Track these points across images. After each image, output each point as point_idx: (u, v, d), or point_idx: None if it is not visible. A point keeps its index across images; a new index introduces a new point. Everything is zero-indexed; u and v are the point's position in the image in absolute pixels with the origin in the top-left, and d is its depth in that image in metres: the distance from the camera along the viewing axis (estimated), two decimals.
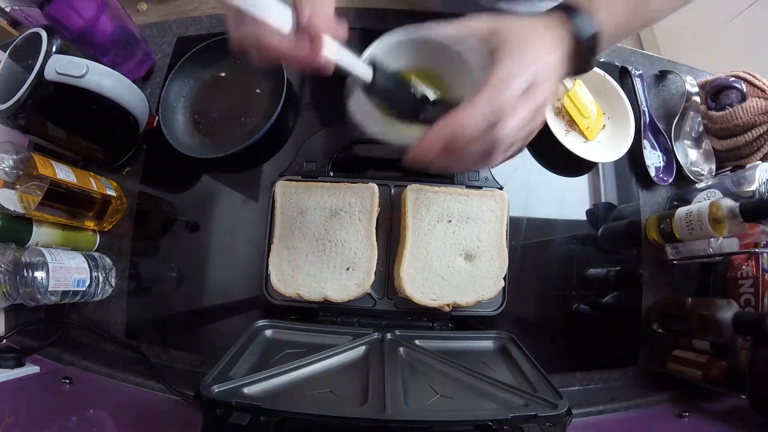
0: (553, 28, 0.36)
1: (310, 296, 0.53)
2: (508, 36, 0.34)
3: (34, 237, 0.56)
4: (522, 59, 0.33)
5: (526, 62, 0.33)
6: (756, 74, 0.64)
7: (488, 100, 0.32)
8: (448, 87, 0.40)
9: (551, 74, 0.35)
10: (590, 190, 0.66)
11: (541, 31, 0.35)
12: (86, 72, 0.51)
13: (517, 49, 0.33)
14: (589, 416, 0.56)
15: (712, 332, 0.52)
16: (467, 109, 0.32)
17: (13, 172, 0.51)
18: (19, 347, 0.58)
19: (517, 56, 0.33)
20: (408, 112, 0.38)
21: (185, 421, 0.51)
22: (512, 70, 0.33)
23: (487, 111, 0.32)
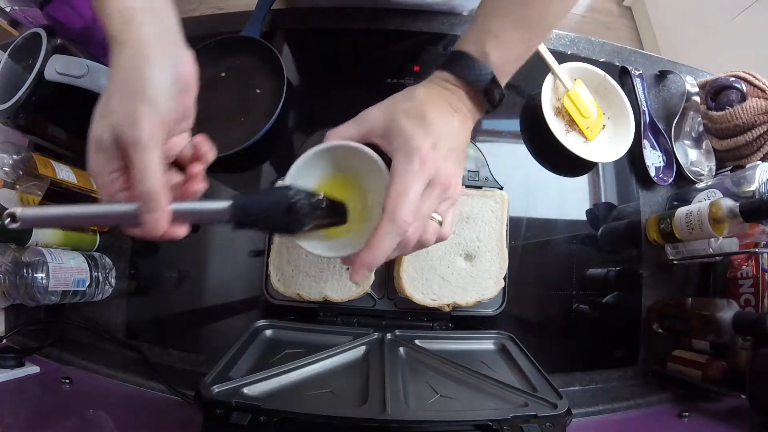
0: (448, 92, 0.38)
1: (310, 296, 0.53)
2: (402, 132, 0.35)
3: (34, 237, 0.56)
4: (414, 163, 0.34)
5: (420, 164, 0.34)
6: (756, 74, 0.64)
7: (388, 230, 0.33)
8: (366, 189, 0.40)
9: (455, 146, 0.37)
10: (590, 190, 0.66)
11: (434, 104, 0.37)
12: (86, 72, 0.51)
13: (410, 151, 0.34)
14: (589, 416, 0.56)
15: (712, 332, 0.52)
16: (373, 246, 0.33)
17: (13, 172, 0.51)
18: (19, 347, 0.58)
19: (409, 163, 0.34)
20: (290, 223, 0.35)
21: (185, 421, 0.51)
22: (405, 185, 0.33)
23: (390, 240, 0.33)
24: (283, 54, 0.63)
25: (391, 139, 0.36)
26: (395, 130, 0.36)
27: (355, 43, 0.69)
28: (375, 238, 0.33)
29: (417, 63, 0.67)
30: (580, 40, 0.71)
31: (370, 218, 0.39)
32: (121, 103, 0.31)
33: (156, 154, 0.31)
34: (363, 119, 0.38)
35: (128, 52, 0.32)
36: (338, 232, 0.39)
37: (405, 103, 0.37)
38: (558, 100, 0.65)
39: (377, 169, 0.37)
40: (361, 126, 0.38)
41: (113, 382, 0.57)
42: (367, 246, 0.33)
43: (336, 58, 0.69)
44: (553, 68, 0.63)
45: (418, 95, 0.38)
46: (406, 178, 0.34)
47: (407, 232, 0.34)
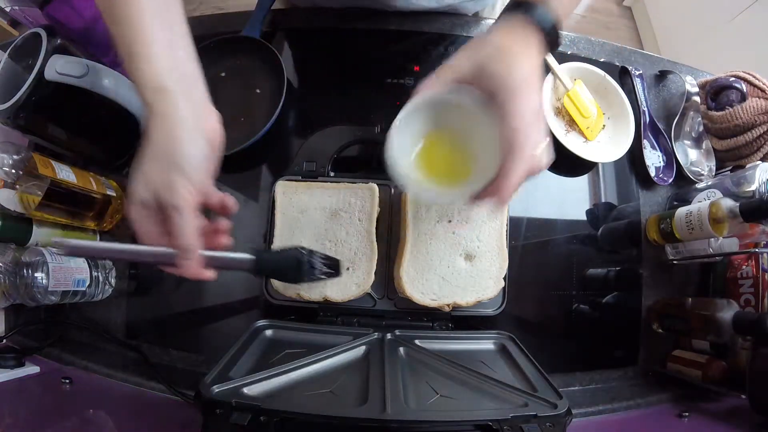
0: (522, 34, 0.40)
1: (310, 296, 0.53)
2: (495, 74, 0.38)
3: (34, 237, 0.56)
4: (521, 97, 0.37)
5: (526, 96, 0.37)
6: (756, 74, 0.64)
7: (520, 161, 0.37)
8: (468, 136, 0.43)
9: (538, 78, 0.39)
10: (590, 190, 0.66)
11: (516, 44, 0.39)
12: (86, 72, 0.51)
13: (512, 89, 0.37)
14: (589, 416, 0.56)
15: (712, 332, 0.52)
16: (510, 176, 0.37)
17: (13, 172, 0.51)
18: (19, 347, 0.58)
19: (516, 98, 0.37)
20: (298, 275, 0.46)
21: (185, 421, 0.51)
22: (522, 115, 0.37)
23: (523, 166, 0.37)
24: (283, 54, 0.64)
25: (487, 81, 0.38)
26: (488, 73, 0.38)
27: (355, 43, 0.69)
28: (508, 167, 0.37)
29: (417, 63, 0.67)
30: (580, 40, 0.71)
31: (475, 164, 0.43)
32: (162, 173, 0.36)
33: (192, 216, 0.36)
34: (450, 68, 0.40)
35: (164, 126, 0.36)
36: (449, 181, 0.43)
37: (485, 48, 0.39)
38: (558, 100, 0.65)
39: (474, 112, 0.40)
40: (450, 74, 0.40)
41: (113, 382, 0.57)
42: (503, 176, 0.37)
43: (336, 58, 0.69)
44: (553, 68, 0.63)
45: (494, 39, 0.39)
46: (519, 110, 0.36)
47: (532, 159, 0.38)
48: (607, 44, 0.72)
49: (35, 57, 0.51)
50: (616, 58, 0.72)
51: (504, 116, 0.37)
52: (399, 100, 0.42)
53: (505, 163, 0.37)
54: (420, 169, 0.44)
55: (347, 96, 0.67)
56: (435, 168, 0.44)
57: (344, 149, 0.59)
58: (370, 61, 0.68)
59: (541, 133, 0.39)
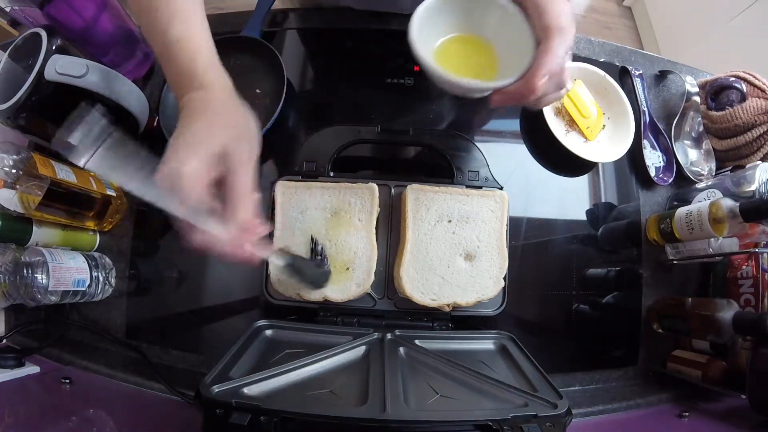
0: None
1: (310, 296, 0.53)
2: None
3: (34, 237, 0.56)
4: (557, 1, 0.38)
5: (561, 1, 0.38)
6: (756, 74, 0.64)
7: (561, 41, 0.37)
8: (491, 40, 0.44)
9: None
10: (590, 190, 0.66)
11: None
12: (86, 72, 0.51)
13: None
14: (589, 416, 0.56)
15: (712, 332, 0.52)
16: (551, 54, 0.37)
17: (13, 172, 0.51)
18: (19, 347, 0.58)
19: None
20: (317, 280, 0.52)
21: (185, 421, 0.51)
22: (560, 8, 0.38)
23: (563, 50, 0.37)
24: (283, 54, 0.63)
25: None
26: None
27: (355, 43, 0.69)
28: (551, 44, 0.37)
29: (417, 63, 0.67)
30: (580, 40, 0.71)
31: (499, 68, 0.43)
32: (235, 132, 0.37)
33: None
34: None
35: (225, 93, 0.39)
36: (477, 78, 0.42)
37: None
38: (558, 100, 0.65)
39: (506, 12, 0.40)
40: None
41: (113, 382, 0.57)
42: (543, 53, 0.37)
43: (336, 58, 0.69)
44: None
45: None
46: (559, 6, 0.38)
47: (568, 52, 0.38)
48: (607, 44, 0.72)
49: (35, 57, 0.51)
50: (616, 58, 0.72)
51: (542, 14, 0.38)
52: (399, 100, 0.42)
53: (545, 45, 0.37)
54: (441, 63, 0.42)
55: (347, 96, 0.67)
56: (457, 65, 0.43)
57: (344, 149, 0.59)
58: (370, 61, 0.68)
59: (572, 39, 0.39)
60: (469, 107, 0.67)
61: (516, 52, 0.40)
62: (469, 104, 0.67)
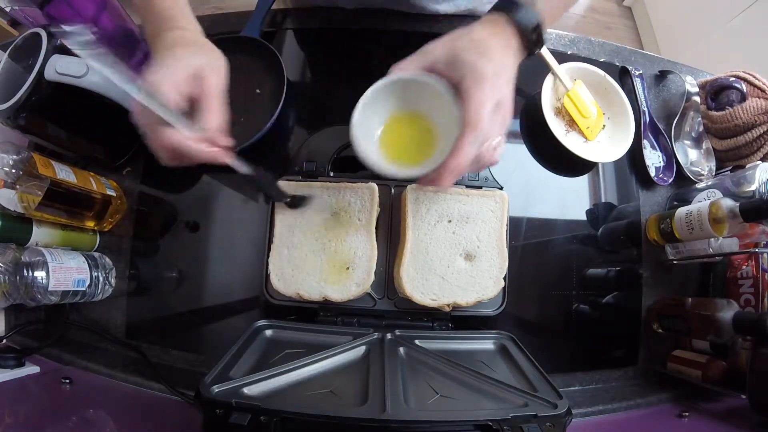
0: (501, 32, 0.41)
1: (310, 296, 0.53)
2: (467, 62, 0.39)
3: (34, 237, 0.56)
4: (485, 85, 0.38)
5: (490, 86, 0.38)
6: (756, 74, 0.64)
7: (472, 139, 0.38)
8: (432, 121, 0.45)
9: (510, 78, 0.41)
10: (590, 190, 0.66)
11: (492, 41, 0.41)
12: (86, 72, 0.51)
13: (479, 77, 0.38)
14: (589, 416, 0.56)
15: (712, 332, 0.52)
16: (460, 152, 0.38)
17: (13, 172, 0.51)
18: (19, 347, 0.58)
19: (480, 85, 0.38)
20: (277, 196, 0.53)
21: (185, 421, 0.51)
22: (481, 101, 0.38)
23: (474, 147, 0.39)
24: (283, 54, 0.63)
25: (457, 68, 0.40)
26: (460, 61, 0.40)
27: (355, 43, 0.69)
28: (461, 145, 0.38)
29: None
30: (580, 40, 0.71)
31: (437, 146, 0.44)
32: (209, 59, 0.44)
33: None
34: (426, 52, 0.42)
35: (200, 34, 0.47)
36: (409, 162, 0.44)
37: (464, 39, 0.41)
38: (558, 100, 0.65)
39: (441, 95, 0.41)
40: (424, 59, 0.42)
41: (113, 382, 0.57)
42: (453, 153, 0.38)
43: (336, 58, 0.69)
44: (553, 68, 0.63)
45: (475, 33, 0.41)
46: (482, 96, 0.38)
47: (485, 144, 0.39)
48: (607, 44, 0.72)
49: (35, 57, 0.51)
50: (616, 58, 0.72)
51: (465, 101, 0.39)
52: None
53: (456, 143, 0.38)
54: (384, 146, 0.45)
55: (347, 96, 0.66)
56: (398, 147, 0.46)
57: (344, 149, 0.59)
58: (370, 61, 0.68)
59: (498, 127, 0.40)
60: None
61: (449, 135, 0.41)
62: None
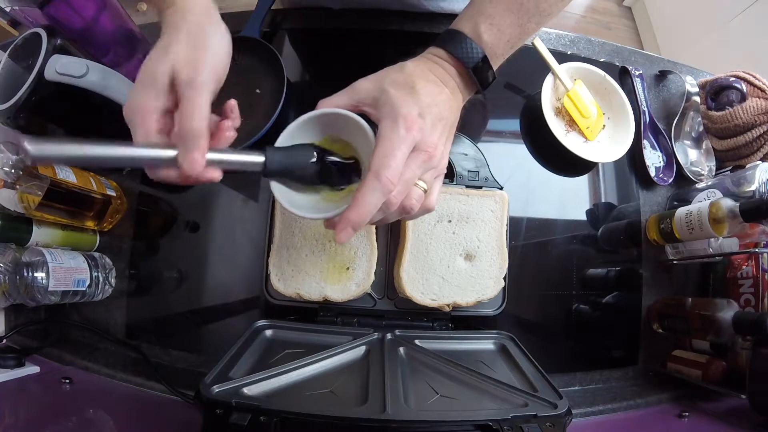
0: (438, 67, 0.39)
1: (310, 296, 0.53)
2: (388, 100, 0.36)
3: (34, 237, 0.56)
4: (400, 127, 0.34)
5: (406, 128, 0.34)
6: (756, 74, 0.64)
7: (373, 187, 0.33)
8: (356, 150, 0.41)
9: (437, 118, 0.37)
10: (590, 190, 0.66)
11: (423, 76, 0.38)
12: (86, 72, 0.51)
13: (395, 117, 0.35)
14: (589, 416, 0.56)
15: (712, 332, 0.52)
16: (359, 202, 0.34)
17: (13, 172, 0.51)
18: (19, 347, 0.58)
19: (395, 126, 0.35)
20: (311, 177, 0.39)
21: (185, 421, 0.51)
22: (391, 145, 0.34)
23: (375, 197, 0.34)
24: (283, 54, 0.63)
25: (380, 107, 0.37)
26: (383, 99, 0.37)
27: (355, 43, 0.69)
28: (360, 195, 0.34)
29: None
30: (580, 40, 0.71)
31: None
32: (186, 49, 0.35)
33: (207, 98, 0.35)
34: (354, 89, 0.40)
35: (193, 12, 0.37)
36: (332, 198, 0.41)
37: (395, 74, 0.38)
38: (558, 100, 0.65)
39: (365, 136, 0.38)
40: (352, 96, 0.39)
41: (113, 382, 0.57)
42: (353, 204, 0.34)
43: (336, 58, 0.69)
44: (553, 68, 0.63)
45: (408, 68, 0.39)
46: (392, 140, 0.34)
47: (391, 193, 0.34)
48: (607, 44, 0.72)
49: (35, 57, 0.51)
50: (616, 58, 0.72)
51: (376, 144, 0.35)
52: None
53: (357, 192, 0.34)
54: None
55: None
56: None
57: None
58: (370, 61, 0.68)
59: (419, 172, 0.36)
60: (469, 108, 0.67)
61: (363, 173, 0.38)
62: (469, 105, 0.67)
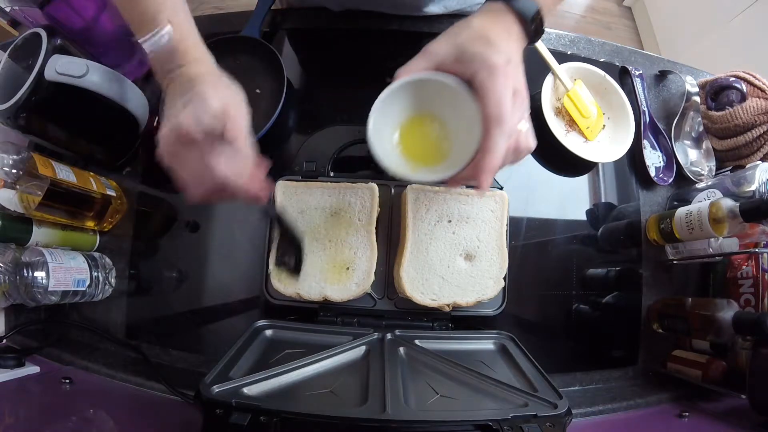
0: (501, 21, 0.41)
1: (310, 296, 0.53)
2: (476, 55, 0.38)
3: (34, 237, 0.56)
4: (499, 76, 0.37)
5: (504, 76, 0.37)
6: (756, 74, 0.64)
7: (500, 132, 0.37)
8: (445, 120, 0.44)
9: (518, 62, 0.40)
10: (590, 190, 0.66)
11: (495, 29, 0.40)
12: (86, 72, 0.51)
13: (492, 68, 0.37)
14: (589, 416, 0.56)
15: (712, 332, 0.52)
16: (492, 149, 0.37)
17: (13, 172, 0.51)
18: (19, 347, 0.58)
19: (495, 76, 0.37)
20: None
21: (185, 421, 0.51)
22: (501, 92, 0.37)
23: (503, 141, 0.37)
24: (283, 54, 0.63)
25: (466, 62, 0.39)
26: (468, 55, 0.38)
27: (355, 43, 0.69)
28: (491, 143, 0.37)
29: None
30: (580, 40, 0.71)
31: (454, 145, 0.43)
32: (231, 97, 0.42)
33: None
34: (430, 52, 0.41)
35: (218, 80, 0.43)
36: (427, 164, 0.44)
37: (465, 31, 0.40)
38: (558, 100, 0.65)
39: (457, 92, 0.40)
40: (429, 59, 0.41)
41: (113, 382, 0.57)
42: (485, 152, 0.37)
43: (336, 58, 0.69)
44: (553, 68, 0.63)
45: (474, 23, 0.40)
46: (497, 87, 0.37)
47: (511, 136, 0.38)
48: (607, 44, 0.72)
49: (35, 57, 0.51)
50: (616, 58, 0.72)
51: (484, 95, 0.37)
52: None
53: (484, 142, 0.37)
54: (400, 150, 0.45)
55: (347, 96, 0.67)
56: (415, 150, 0.45)
57: (344, 149, 0.59)
58: (369, 61, 0.68)
59: (520, 113, 0.39)
60: None
61: (467, 133, 0.40)
62: None
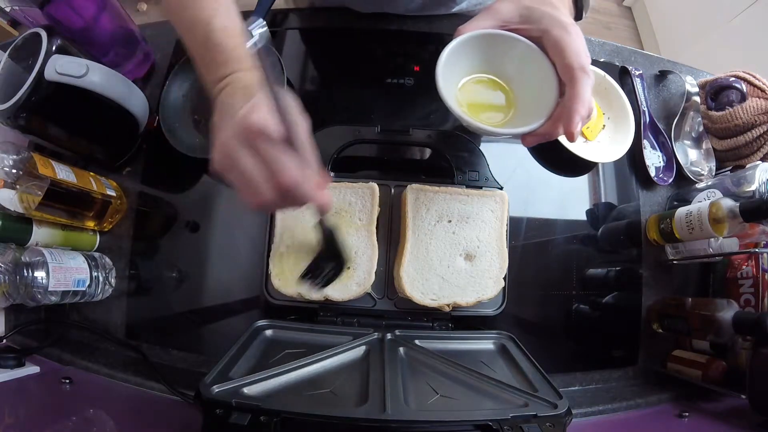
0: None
1: (310, 296, 0.53)
2: (545, 14, 0.40)
3: (34, 237, 0.56)
4: (573, 32, 0.39)
5: (576, 33, 0.40)
6: (756, 74, 0.64)
7: (587, 80, 0.39)
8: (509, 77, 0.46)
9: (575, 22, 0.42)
10: (590, 190, 0.66)
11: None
12: (86, 72, 0.51)
13: (564, 26, 0.40)
14: (589, 416, 0.56)
15: (712, 332, 0.52)
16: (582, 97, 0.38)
17: (13, 172, 0.51)
18: (19, 347, 0.58)
19: (569, 32, 0.39)
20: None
21: (185, 421, 0.51)
22: (579, 45, 0.39)
23: (590, 87, 0.39)
24: (283, 54, 0.63)
25: (535, 21, 0.41)
26: (536, 15, 0.41)
27: (355, 43, 0.69)
28: (581, 90, 0.38)
29: (417, 63, 0.67)
30: None
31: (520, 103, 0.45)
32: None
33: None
34: (495, 11, 0.43)
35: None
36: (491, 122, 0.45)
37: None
38: None
39: (527, 49, 0.42)
40: (495, 16, 0.42)
41: (113, 382, 0.57)
42: (574, 99, 0.38)
43: (336, 58, 0.69)
44: None
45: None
46: (573, 40, 0.39)
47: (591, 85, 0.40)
48: (607, 44, 0.72)
49: (35, 57, 0.51)
50: (616, 58, 0.72)
51: (564, 48, 0.39)
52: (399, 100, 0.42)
53: (573, 90, 0.38)
54: (463, 105, 0.45)
55: (347, 96, 0.67)
56: (477, 106, 0.45)
57: (344, 149, 0.59)
58: (370, 61, 0.68)
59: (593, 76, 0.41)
60: None
61: (537, 90, 0.42)
62: None
